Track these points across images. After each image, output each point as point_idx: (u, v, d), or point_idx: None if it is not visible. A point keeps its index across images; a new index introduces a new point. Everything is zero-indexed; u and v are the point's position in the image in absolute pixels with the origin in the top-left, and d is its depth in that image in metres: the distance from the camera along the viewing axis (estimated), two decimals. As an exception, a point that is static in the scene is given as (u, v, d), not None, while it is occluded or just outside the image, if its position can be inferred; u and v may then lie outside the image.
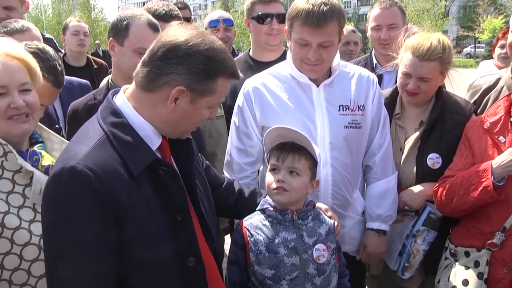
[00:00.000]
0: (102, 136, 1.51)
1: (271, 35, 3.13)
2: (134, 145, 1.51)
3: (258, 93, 2.37)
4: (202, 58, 1.49)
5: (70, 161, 1.42)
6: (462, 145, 2.37)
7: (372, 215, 2.45)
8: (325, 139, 2.29)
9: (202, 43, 1.50)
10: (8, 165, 1.71)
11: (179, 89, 1.49)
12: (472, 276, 2.19)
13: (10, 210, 1.68)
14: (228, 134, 2.64)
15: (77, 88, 3.22)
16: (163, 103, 1.53)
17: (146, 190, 1.51)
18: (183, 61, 1.49)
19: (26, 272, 1.69)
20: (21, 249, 1.67)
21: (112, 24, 2.47)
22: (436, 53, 2.37)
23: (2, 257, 1.64)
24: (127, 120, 1.55)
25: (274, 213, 1.94)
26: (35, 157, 1.80)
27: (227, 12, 3.85)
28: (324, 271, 1.91)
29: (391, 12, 3.24)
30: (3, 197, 1.68)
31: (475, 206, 2.20)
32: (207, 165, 2.08)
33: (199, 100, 1.54)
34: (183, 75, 1.49)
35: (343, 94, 2.35)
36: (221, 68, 1.54)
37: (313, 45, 2.16)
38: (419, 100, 2.53)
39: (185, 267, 1.57)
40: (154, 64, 1.52)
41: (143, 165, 1.50)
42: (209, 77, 1.52)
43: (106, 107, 1.60)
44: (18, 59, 1.75)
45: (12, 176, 1.72)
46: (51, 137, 1.96)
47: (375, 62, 3.39)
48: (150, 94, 1.54)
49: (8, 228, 1.65)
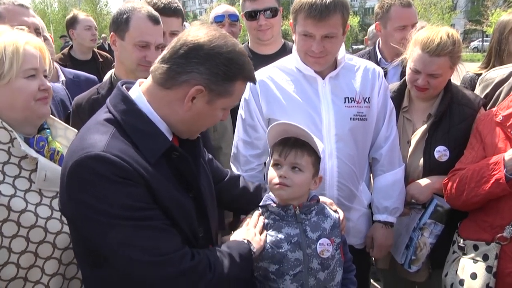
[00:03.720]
0: (116, 125, 1.52)
1: (260, 31, 3.20)
2: (148, 133, 1.54)
3: (264, 86, 2.37)
4: (224, 60, 1.52)
5: (92, 149, 1.41)
6: (473, 139, 2.35)
7: (379, 207, 2.45)
8: (330, 131, 2.29)
9: (225, 45, 1.52)
10: (14, 151, 1.77)
11: (197, 89, 1.51)
12: (481, 269, 2.17)
13: (17, 193, 1.73)
14: (233, 128, 2.63)
15: (83, 82, 3.23)
16: (179, 102, 1.55)
17: (163, 173, 1.54)
18: (204, 61, 1.50)
19: (33, 254, 1.74)
20: (28, 231, 1.71)
21: (113, 18, 2.45)
22: (446, 48, 2.34)
23: (10, 240, 1.69)
24: (140, 108, 1.56)
25: (277, 209, 1.94)
26: (41, 143, 1.87)
27: (233, 6, 3.85)
28: (328, 265, 1.90)
29: (412, 11, 3.27)
30: (10, 181, 1.73)
31: (486, 199, 2.17)
32: (209, 158, 2.08)
33: (215, 101, 1.57)
34: (204, 75, 1.51)
35: (348, 87, 2.35)
36: (240, 71, 1.56)
37: (317, 37, 2.17)
38: (428, 95, 2.51)
39: (196, 236, 1.66)
40: (175, 62, 1.53)
41: (158, 152, 1.54)
42: (228, 79, 1.54)
43: (117, 95, 1.60)
44: (37, 48, 1.84)
45: (18, 162, 1.78)
46: (55, 123, 2.02)
47: (379, 56, 3.37)
48: (167, 91, 1.55)
49: (15, 211, 1.69)
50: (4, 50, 1.72)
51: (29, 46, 1.79)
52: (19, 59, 1.74)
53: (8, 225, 1.68)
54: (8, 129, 1.76)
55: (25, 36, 1.83)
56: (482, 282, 2.14)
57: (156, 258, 1.43)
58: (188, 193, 1.65)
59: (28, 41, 1.81)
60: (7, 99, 1.76)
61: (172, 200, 1.54)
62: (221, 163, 2.22)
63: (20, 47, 1.75)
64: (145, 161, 1.49)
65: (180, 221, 1.56)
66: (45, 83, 1.84)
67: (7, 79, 1.73)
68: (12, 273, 1.71)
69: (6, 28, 1.82)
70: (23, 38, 1.80)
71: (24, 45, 1.77)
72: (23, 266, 1.73)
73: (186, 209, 1.61)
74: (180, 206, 1.57)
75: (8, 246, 1.69)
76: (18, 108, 1.78)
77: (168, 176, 1.57)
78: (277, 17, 3.23)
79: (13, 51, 1.73)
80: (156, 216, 1.47)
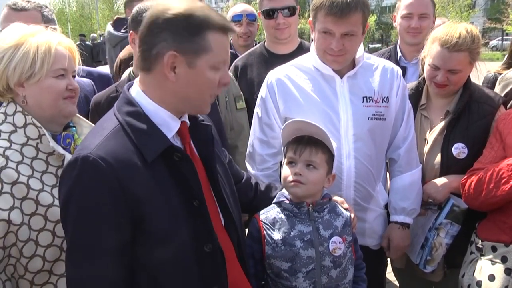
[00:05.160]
0: (116, 126, 1.53)
1: (278, 30, 3.17)
2: (148, 133, 1.52)
3: (281, 85, 2.37)
4: (182, 18, 1.48)
5: (84, 151, 1.44)
6: (492, 138, 2.32)
7: (397, 208, 2.43)
8: (348, 130, 2.27)
9: (180, 6, 1.49)
10: (42, 147, 1.83)
11: (170, 54, 1.48)
12: (499, 271, 2.14)
13: (44, 188, 1.78)
14: (249, 127, 2.63)
15: (97, 79, 3.26)
16: (164, 78, 1.52)
17: (161, 177, 1.52)
18: (165, 28, 1.49)
19: (59, 248, 1.79)
20: (54, 226, 1.77)
21: (132, 16, 2.47)
22: (465, 44, 2.32)
23: (37, 234, 1.74)
24: (142, 109, 1.56)
25: (290, 206, 1.94)
26: (68, 140, 1.92)
27: (250, 5, 3.87)
28: (340, 263, 1.90)
29: (423, 1, 3.21)
30: (38, 176, 1.79)
31: (504, 200, 2.14)
32: (229, 159, 2.08)
33: (196, 62, 1.51)
34: (169, 41, 1.48)
35: (367, 86, 2.33)
36: (204, 22, 1.50)
37: (336, 35, 2.15)
38: (448, 91, 2.49)
39: (202, 253, 1.57)
40: (143, 41, 1.53)
41: (157, 151, 1.51)
42: (194, 34, 1.49)
43: (122, 98, 1.62)
44: (68, 48, 1.91)
45: (46, 158, 1.83)
46: (81, 122, 2.07)
47: (399, 54, 3.34)
48: (151, 73, 1.55)
49: (43, 205, 1.75)
50: (37, 49, 1.78)
51: (60, 47, 1.86)
52: (50, 59, 1.80)
53: (35, 219, 1.74)
54: (37, 125, 1.81)
55: (58, 36, 1.89)
56: (500, 284, 2.11)
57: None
58: (192, 201, 1.56)
59: (60, 41, 1.87)
60: (36, 97, 1.82)
61: (160, 207, 1.49)
62: (237, 162, 2.23)
63: (52, 47, 1.81)
64: (140, 164, 1.47)
65: (168, 230, 1.50)
66: (73, 82, 1.90)
67: (38, 77, 1.80)
68: (39, 266, 1.76)
69: (40, 28, 1.88)
70: (56, 38, 1.86)
71: (56, 45, 1.83)
72: (49, 260, 1.78)
73: (179, 218, 1.53)
74: (172, 213, 1.52)
75: (36, 239, 1.74)
76: (46, 106, 1.84)
77: (165, 180, 1.53)
78: (295, 16, 3.22)
79: (45, 51, 1.79)
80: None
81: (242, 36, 3.77)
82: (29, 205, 1.72)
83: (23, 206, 1.71)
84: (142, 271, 1.52)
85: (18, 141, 1.79)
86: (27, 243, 1.72)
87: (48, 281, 1.81)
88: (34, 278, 1.77)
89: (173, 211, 1.52)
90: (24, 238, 1.72)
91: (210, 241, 1.59)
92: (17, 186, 1.71)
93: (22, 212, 1.71)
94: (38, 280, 1.78)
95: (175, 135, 1.62)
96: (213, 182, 1.72)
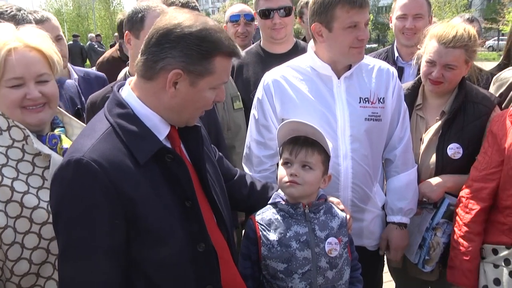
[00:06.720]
0: (108, 128, 1.53)
1: (274, 30, 3.18)
2: (140, 135, 1.53)
3: (278, 86, 2.36)
4: (195, 39, 1.48)
5: (76, 153, 1.44)
6: (485, 143, 2.32)
7: (394, 208, 2.44)
8: (345, 131, 2.27)
9: (194, 25, 1.50)
10: (28, 148, 1.79)
11: (175, 72, 1.49)
12: (504, 275, 2.14)
13: (30, 190, 1.74)
14: (246, 126, 2.63)
15: (94, 79, 3.28)
16: (163, 90, 1.53)
17: (154, 179, 1.53)
18: (176, 45, 1.49)
19: (45, 251, 1.76)
20: (40, 228, 1.74)
21: (127, 16, 2.47)
22: (462, 41, 2.35)
23: (22, 236, 1.71)
24: (133, 111, 1.56)
25: (286, 207, 1.94)
26: (54, 140, 1.87)
27: (247, 5, 3.88)
28: (336, 264, 1.91)
29: (417, 2, 3.22)
30: (23, 178, 1.75)
31: None
32: (219, 156, 2.08)
33: (198, 82, 1.53)
34: (178, 58, 1.49)
35: (363, 87, 2.33)
36: (215, 47, 1.52)
37: (362, 24, 2.18)
38: (442, 89, 2.50)
39: (195, 252, 1.59)
40: (150, 51, 1.53)
41: (149, 153, 1.51)
42: (204, 58, 1.51)
43: (112, 99, 1.62)
44: (37, 50, 1.79)
45: (32, 159, 1.79)
46: (72, 122, 2.02)
47: (396, 54, 3.35)
48: (150, 82, 1.55)
49: (27, 207, 1.72)
50: None
51: (18, 53, 1.73)
52: (1, 69, 1.71)
53: (21, 222, 1.71)
54: (21, 127, 1.77)
55: (25, 37, 1.78)
56: None
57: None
58: (184, 202, 1.58)
59: (26, 44, 1.76)
60: None
61: (154, 208, 1.50)
62: (233, 163, 2.22)
63: (1, 56, 1.70)
64: (133, 166, 1.48)
65: (162, 231, 1.52)
66: (32, 92, 1.76)
67: None
68: (25, 269, 1.73)
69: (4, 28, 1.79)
70: (13, 42, 1.74)
71: (8, 52, 1.71)
72: (36, 262, 1.75)
73: (172, 218, 1.55)
74: (165, 214, 1.53)
75: (21, 242, 1.71)
76: (9, 114, 1.77)
77: (158, 182, 1.54)
78: (291, 16, 3.23)
79: None
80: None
81: (239, 36, 3.77)
82: (13, 208, 1.69)
83: (8, 209, 1.68)
84: (136, 271, 1.53)
85: (3, 143, 1.75)
86: (12, 246, 1.69)
87: (35, 283, 1.78)
88: (21, 281, 1.74)
89: (166, 211, 1.53)
90: (9, 241, 1.69)
91: (203, 241, 1.60)
92: (1, 189, 1.68)
93: (7, 215, 1.68)
94: (25, 283, 1.75)
95: (165, 138, 1.63)
96: (203, 183, 1.73)
